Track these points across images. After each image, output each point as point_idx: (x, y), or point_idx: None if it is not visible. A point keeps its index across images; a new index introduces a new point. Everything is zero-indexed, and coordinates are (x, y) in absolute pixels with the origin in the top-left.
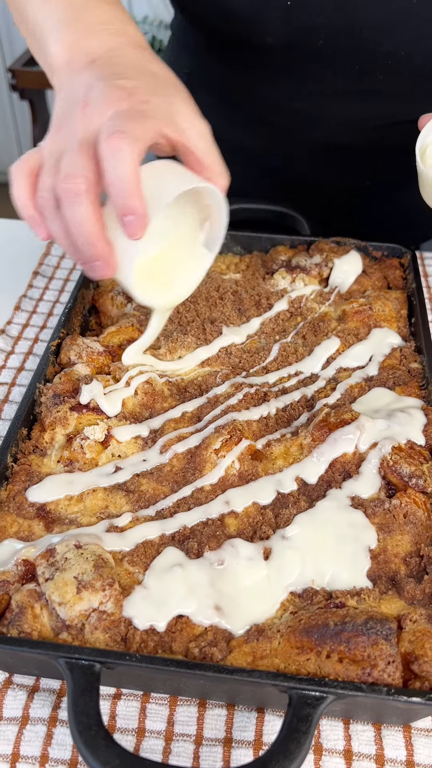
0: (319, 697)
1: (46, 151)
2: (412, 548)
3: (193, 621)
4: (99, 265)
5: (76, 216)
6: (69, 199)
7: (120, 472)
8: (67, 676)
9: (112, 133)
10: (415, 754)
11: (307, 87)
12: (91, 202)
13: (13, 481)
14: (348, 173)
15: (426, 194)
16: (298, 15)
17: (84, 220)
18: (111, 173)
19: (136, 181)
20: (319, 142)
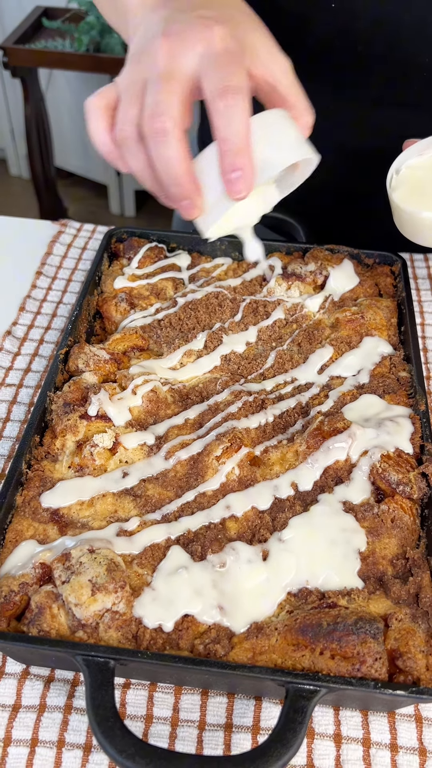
0: (313, 690)
1: (123, 84)
2: (399, 551)
3: (198, 620)
4: (186, 204)
5: (164, 155)
6: (157, 138)
7: (127, 477)
8: (85, 672)
9: (225, 89)
10: (398, 737)
11: (340, 92)
12: (179, 141)
13: (27, 487)
14: (354, 178)
15: (397, 222)
16: (340, 18)
17: (173, 159)
18: (224, 129)
19: (247, 140)
20: (337, 146)
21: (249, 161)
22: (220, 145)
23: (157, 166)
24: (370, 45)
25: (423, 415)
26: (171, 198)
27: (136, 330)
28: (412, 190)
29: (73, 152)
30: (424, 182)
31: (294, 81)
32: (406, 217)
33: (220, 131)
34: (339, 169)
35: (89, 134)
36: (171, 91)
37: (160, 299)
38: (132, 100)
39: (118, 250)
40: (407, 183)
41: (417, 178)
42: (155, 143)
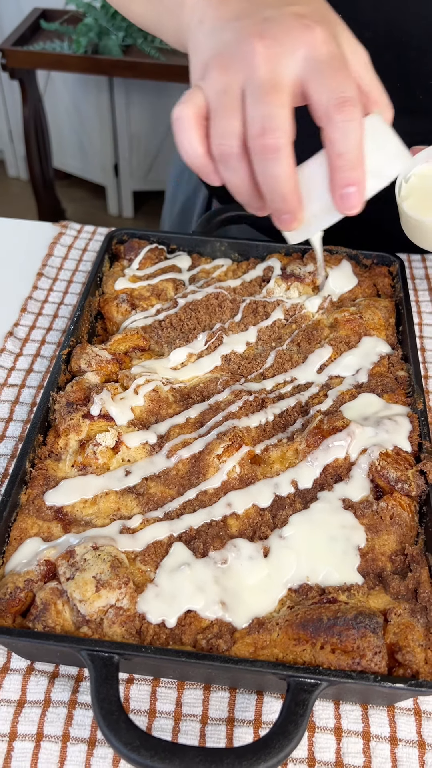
0: (314, 683)
1: (213, 91)
2: (398, 547)
3: (201, 615)
4: (287, 218)
5: (274, 172)
6: (268, 155)
7: (130, 476)
8: (90, 667)
9: (343, 102)
10: (398, 731)
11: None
12: (290, 157)
13: (31, 486)
14: None
15: (405, 229)
16: (349, 28)
17: (284, 177)
18: (341, 144)
19: (362, 154)
20: None
21: (363, 176)
22: (335, 160)
23: (264, 183)
24: (377, 55)
25: (421, 413)
26: (273, 210)
27: (138, 330)
28: (422, 198)
29: (71, 153)
30: (428, 189)
31: (374, 74)
32: (416, 225)
33: (337, 145)
34: None
35: (178, 146)
36: (280, 103)
37: (161, 300)
38: (231, 111)
39: (119, 251)
40: (416, 191)
41: (426, 185)
42: (265, 160)
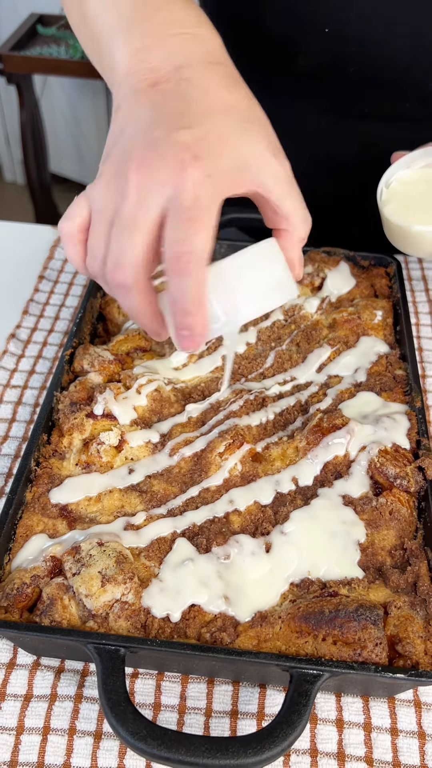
0: (316, 674)
1: (94, 206)
2: (397, 542)
3: (205, 609)
4: (154, 335)
5: (127, 304)
6: (118, 291)
7: (133, 474)
8: (96, 660)
9: (179, 257)
10: (398, 722)
11: (335, 108)
12: (140, 292)
13: (36, 484)
14: (348, 186)
15: (387, 234)
16: (333, 42)
17: (135, 309)
18: (175, 290)
19: (199, 302)
20: (331, 158)
21: (199, 320)
22: (172, 304)
23: (174, 297)
24: (363, 67)
25: (419, 411)
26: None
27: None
28: (402, 204)
29: (68, 158)
30: (414, 195)
31: (289, 190)
32: (397, 230)
33: (172, 292)
34: (334, 178)
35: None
36: (134, 243)
37: None
38: (99, 235)
39: None
40: (397, 196)
41: (406, 191)
42: (118, 294)
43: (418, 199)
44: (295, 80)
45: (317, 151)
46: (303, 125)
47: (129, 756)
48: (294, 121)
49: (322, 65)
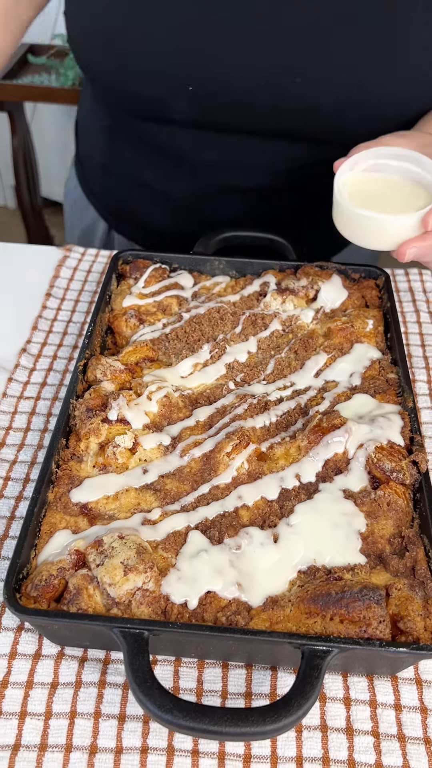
0: (326, 650)
1: None
2: (395, 530)
3: (220, 595)
4: None
5: None
6: None
7: (147, 474)
8: (122, 643)
9: None
10: (401, 698)
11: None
12: None
13: (58, 485)
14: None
15: (342, 226)
16: (201, 97)
17: None
18: None
19: None
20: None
21: None
22: None
23: None
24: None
25: (411, 411)
26: None
27: (147, 343)
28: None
29: (58, 182)
30: (369, 192)
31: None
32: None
33: None
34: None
35: None
36: None
37: (167, 315)
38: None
39: (125, 271)
40: (355, 195)
41: (363, 189)
42: None
43: (374, 195)
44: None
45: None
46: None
47: (152, 736)
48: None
49: (195, 116)
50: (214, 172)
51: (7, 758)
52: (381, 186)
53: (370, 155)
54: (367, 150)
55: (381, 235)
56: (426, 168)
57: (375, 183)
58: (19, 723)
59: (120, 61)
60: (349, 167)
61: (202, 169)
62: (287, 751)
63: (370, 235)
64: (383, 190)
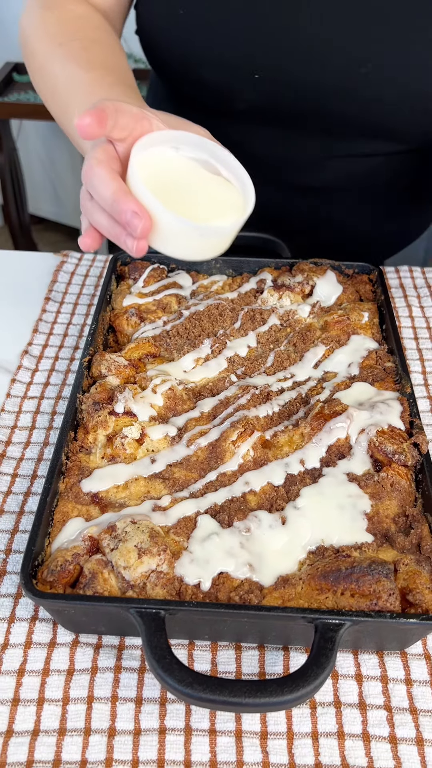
0: (339, 623)
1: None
2: (399, 510)
3: (232, 576)
4: (130, 218)
5: (95, 183)
6: (88, 176)
7: (155, 463)
8: (139, 623)
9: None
10: (411, 673)
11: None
12: (102, 167)
13: (68, 475)
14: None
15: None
16: (266, 85)
17: (102, 180)
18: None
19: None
20: (296, 182)
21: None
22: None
23: (98, 197)
24: (298, 103)
25: (409, 396)
26: (121, 221)
27: (149, 339)
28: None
29: (45, 198)
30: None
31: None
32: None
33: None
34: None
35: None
36: (92, 149)
37: (167, 313)
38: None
39: (124, 272)
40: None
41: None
42: (88, 182)
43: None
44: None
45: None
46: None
47: (169, 717)
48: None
49: (258, 105)
50: (279, 169)
51: (27, 743)
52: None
53: (165, 138)
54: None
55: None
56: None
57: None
58: (38, 709)
59: (189, 49)
60: (143, 147)
61: (267, 167)
62: (302, 727)
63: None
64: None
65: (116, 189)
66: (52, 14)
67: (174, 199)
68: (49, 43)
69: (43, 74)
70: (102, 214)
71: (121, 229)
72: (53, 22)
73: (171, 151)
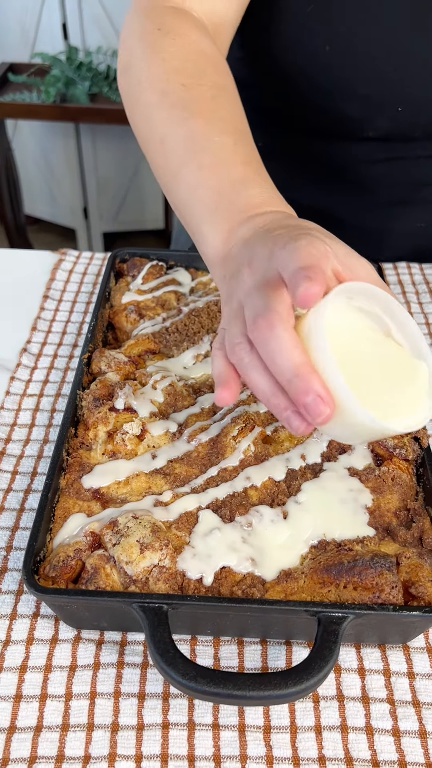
0: (342, 616)
1: (224, 322)
2: (401, 504)
3: (234, 570)
4: (312, 402)
5: (274, 348)
6: (263, 335)
7: (156, 459)
8: (141, 617)
9: (255, 316)
10: (414, 666)
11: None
12: (287, 330)
13: (69, 471)
14: (333, 202)
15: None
16: (406, 116)
17: (284, 347)
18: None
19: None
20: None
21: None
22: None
23: (270, 363)
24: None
25: None
26: (297, 397)
27: (148, 336)
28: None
29: (40, 198)
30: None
31: (381, 282)
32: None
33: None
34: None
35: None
36: (262, 293)
37: (166, 309)
38: (234, 321)
39: (122, 269)
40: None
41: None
42: (263, 341)
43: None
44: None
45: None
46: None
47: (172, 712)
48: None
49: (391, 134)
50: (379, 187)
51: (30, 739)
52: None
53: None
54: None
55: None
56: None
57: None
58: (40, 705)
59: (334, 85)
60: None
61: (370, 183)
62: (306, 720)
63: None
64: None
65: (301, 363)
66: (172, 42)
67: (356, 377)
68: (167, 81)
69: (152, 115)
70: (264, 377)
71: (288, 404)
72: (173, 52)
73: (344, 301)
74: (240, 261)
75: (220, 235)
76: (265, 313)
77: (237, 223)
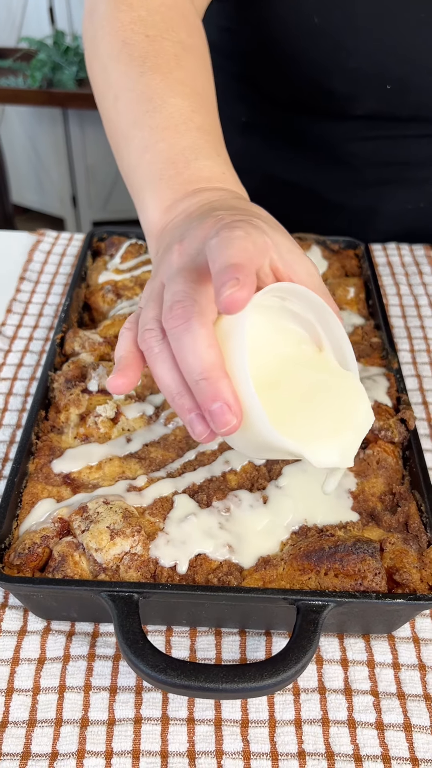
0: (322, 604)
1: (143, 301)
2: (386, 488)
3: (210, 557)
4: (218, 409)
5: (187, 343)
6: (177, 326)
7: (131, 443)
8: (111, 607)
9: (173, 303)
10: (399, 657)
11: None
12: (204, 326)
13: (38, 455)
14: (321, 183)
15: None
16: (393, 94)
17: (198, 345)
18: (177, 355)
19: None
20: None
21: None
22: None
23: (180, 360)
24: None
25: (396, 371)
26: (204, 402)
27: (125, 316)
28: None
29: (28, 187)
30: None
31: (321, 283)
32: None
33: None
34: (301, 171)
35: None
36: (186, 278)
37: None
38: (151, 304)
39: (100, 248)
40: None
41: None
42: (176, 334)
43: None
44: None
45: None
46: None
47: (145, 706)
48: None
49: (378, 112)
50: (367, 165)
51: None
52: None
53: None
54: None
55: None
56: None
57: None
58: (6, 700)
59: (322, 60)
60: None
61: (357, 162)
62: (285, 714)
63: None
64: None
65: (213, 366)
66: None
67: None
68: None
69: (108, 66)
70: (172, 373)
71: (193, 406)
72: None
73: (276, 302)
74: (173, 236)
75: (160, 205)
76: (184, 302)
77: (181, 194)
